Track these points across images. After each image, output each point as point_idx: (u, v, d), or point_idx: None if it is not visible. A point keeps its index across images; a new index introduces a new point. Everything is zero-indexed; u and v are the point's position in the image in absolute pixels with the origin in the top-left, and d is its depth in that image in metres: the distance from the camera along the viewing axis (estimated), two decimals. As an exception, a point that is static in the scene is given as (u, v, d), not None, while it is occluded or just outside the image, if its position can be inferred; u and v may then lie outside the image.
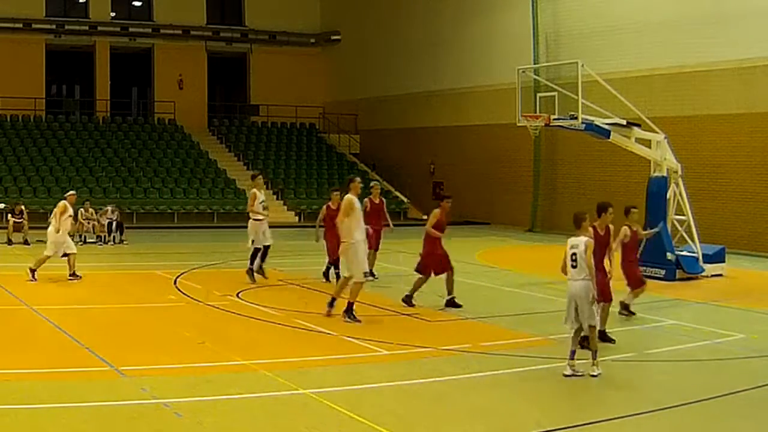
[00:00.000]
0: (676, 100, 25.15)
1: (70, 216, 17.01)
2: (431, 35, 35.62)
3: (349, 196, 13.03)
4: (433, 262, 14.15)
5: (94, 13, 38.26)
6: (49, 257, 16.68)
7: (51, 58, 38.10)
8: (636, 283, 13.32)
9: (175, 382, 9.20)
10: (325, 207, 16.75)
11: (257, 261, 16.49)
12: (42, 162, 33.18)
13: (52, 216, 16.90)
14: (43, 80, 37.80)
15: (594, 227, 11.19)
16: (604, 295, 10.97)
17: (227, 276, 17.89)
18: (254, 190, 16.76)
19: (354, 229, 12.75)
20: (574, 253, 9.95)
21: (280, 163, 37.65)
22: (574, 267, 9.94)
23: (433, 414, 8.36)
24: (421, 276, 14.17)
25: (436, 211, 14.45)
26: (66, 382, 9.02)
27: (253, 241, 16.42)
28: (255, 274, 16.42)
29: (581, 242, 10.02)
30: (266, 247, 16.67)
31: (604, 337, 11.22)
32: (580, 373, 9.72)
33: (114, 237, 24.26)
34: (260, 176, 17.46)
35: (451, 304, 14.11)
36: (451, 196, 15.25)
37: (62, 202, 16.95)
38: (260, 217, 16.48)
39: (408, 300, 14.13)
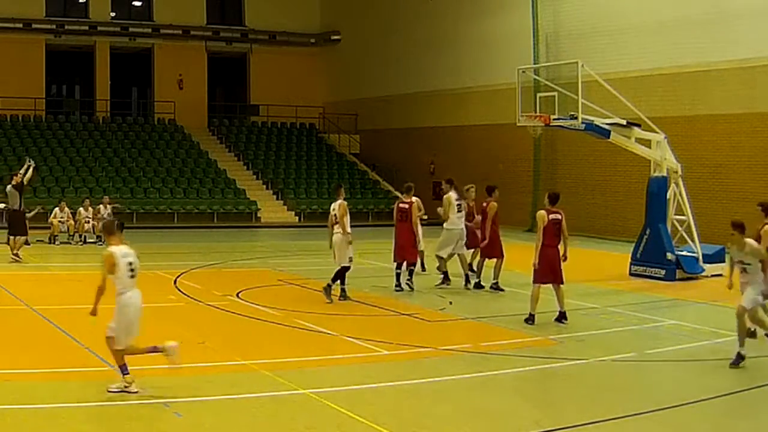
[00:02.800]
0: (676, 100, 25.14)
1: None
2: (431, 35, 35.58)
3: None
4: None
5: (94, 13, 38.23)
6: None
7: (51, 58, 38.06)
8: None
9: (175, 382, 9.20)
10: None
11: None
12: (42, 162, 33.12)
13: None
14: (43, 80, 37.75)
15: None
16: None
17: (227, 276, 17.90)
18: (450, 193, 16.28)
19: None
20: None
21: (280, 163, 37.63)
22: None
23: (433, 414, 8.36)
24: None
25: None
26: (66, 382, 9.03)
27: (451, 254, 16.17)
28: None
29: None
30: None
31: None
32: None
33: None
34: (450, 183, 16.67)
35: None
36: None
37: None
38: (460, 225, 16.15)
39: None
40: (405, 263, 15.76)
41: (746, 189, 23.88)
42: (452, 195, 16.20)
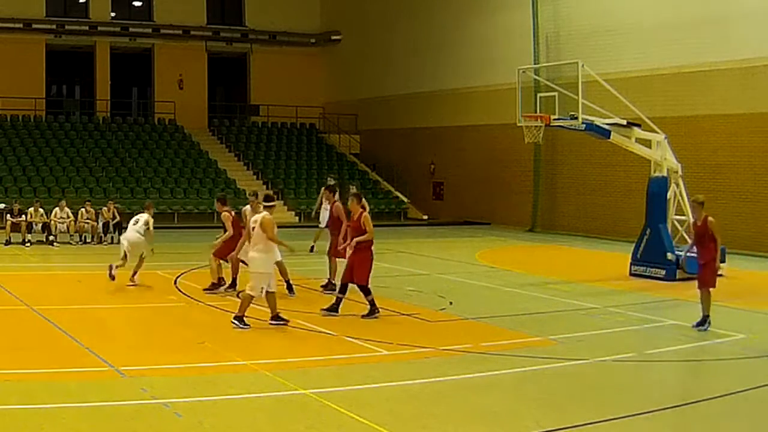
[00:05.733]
0: (676, 100, 25.14)
1: None
2: (431, 35, 35.61)
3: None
4: None
5: (94, 13, 38.23)
6: None
7: (51, 58, 38.06)
8: None
9: (175, 382, 9.20)
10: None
11: None
12: (42, 162, 33.15)
13: None
14: (43, 80, 37.73)
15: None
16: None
17: (227, 276, 17.85)
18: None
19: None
20: None
21: (280, 163, 37.62)
22: None
23: (433, 414, 8.36)
24: None
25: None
26: (66, 382, 9.02)
27: None
28: None
29: None
30: None
31: None
32: None
33: (111, 237, 24.24)
34: None
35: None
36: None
37: None
38: None
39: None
40: None
41: (746, 189, 23.90)
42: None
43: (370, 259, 13.29)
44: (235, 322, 12.02)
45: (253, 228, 12.52)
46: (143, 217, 16.63)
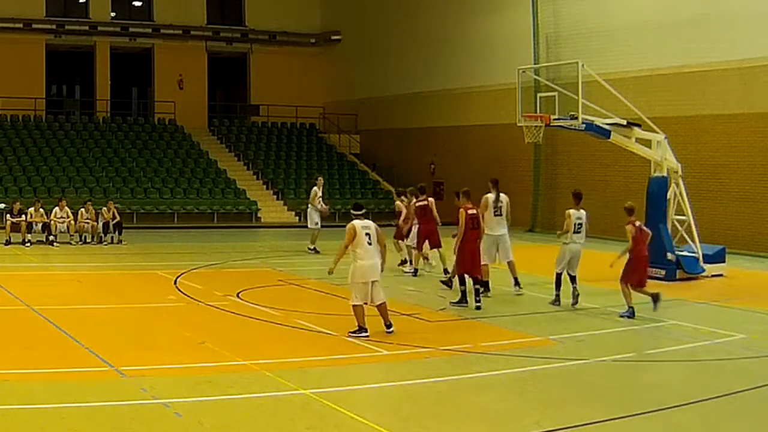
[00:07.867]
0: (676, 100, 25.11)
1: None
2: (431, 35, 35.58)
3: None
4: None
5: (94, 13, 38.22)
6: None
7: (51, 58, 38.04)
8: None
9: (175, 382, 9.20)
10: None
11: None
12: (42, 162, 33.14)
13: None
14: (43, 80, 37.70)
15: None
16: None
17: (227, 276, 17.90)
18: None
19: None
20: None
21: (280, 163, 37.62)
22: None
23: (433, 414, 8.36)
24: None
25: None
26: (66, 382, 9.03)
27: None
28: None
29: None
30: None
31: None
32: None
33: (111, 237, 24.24)
34: None
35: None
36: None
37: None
38: None
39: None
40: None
41: (746, 189, 23.89)
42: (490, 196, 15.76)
43: (465, 252, 14.16)
44: (389, 330, 11.82)
45: (368, 235, 11.99)
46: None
